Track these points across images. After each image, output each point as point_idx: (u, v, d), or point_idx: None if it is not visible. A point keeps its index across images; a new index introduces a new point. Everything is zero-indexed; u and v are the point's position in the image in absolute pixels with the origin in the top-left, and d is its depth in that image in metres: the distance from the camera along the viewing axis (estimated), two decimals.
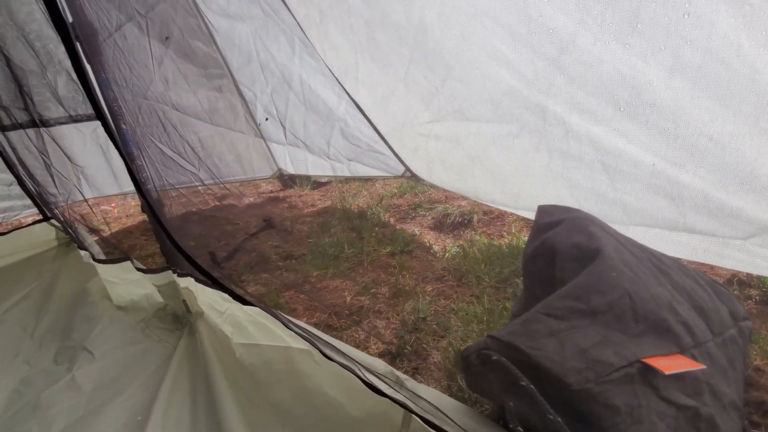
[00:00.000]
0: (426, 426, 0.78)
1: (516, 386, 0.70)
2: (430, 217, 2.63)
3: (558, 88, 0.89)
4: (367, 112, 1.54)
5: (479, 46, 0.96)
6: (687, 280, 0.90)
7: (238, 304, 1.34)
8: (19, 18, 1.22)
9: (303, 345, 1.22)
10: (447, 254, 2.14)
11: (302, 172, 2.97)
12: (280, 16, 1.47)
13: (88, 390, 1.33)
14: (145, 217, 3.81)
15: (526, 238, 2.12)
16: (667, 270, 0.89)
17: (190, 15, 2.30)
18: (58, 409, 1.27)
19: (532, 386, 0.67)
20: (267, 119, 1.79)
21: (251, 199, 4.06)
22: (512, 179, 1.17)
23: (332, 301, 1.77)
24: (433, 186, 2.87)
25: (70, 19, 1.25)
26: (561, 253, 0.86)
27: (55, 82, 1.28)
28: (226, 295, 1.36)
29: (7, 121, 1.44)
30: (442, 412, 0.77)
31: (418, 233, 2.44)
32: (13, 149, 1.54)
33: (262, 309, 1.18)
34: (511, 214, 2.41)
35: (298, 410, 1.13)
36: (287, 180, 3.93)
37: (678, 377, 0.70)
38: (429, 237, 2.39)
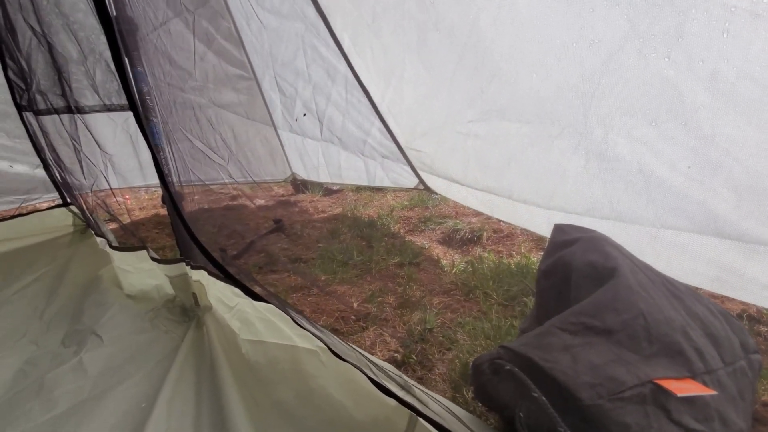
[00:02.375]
0: (433, 430, 0.78)
1: (527, 397, 0.70)
2: (439, 232, 2.65)
3: (602, 93, 0.94)
4: (408, 110, 1.57)
5: (529, 51, 1.00)
6: (700, 307, 0.90)
7: (248, 300, 1.35)
8: (64, 7, 1.28)
9: (310, 345, 1.22)
10: (455, 269, 2.15)
11: (335, 170, 2.93)
12: (333, 18, 1.51)
13: (93, 374, 1.34)
14: (157, 210, 3.87)
15: (536, 259, 2.13)
16: (681, 296, 0.90)
17: (224, 18, 2.39)
18: (62, 391, 1.28)
19: (543, 398, 0.68)
20: (305, 115, 1.83)
21: (262, 201, 4.11)
22: (547, 180, 1.20)
23: (339, 306, 1.78)
24: (444, 199, 2.89)
25: (114, 13, 1.31)
26: (576, 271, 0.87)
27: (94, 72, 1.33)
28: (237, 290, 1.38)
29: (42, 106, 1.49)
30: (454, 414, 0.77)
31: (426, 246, 2.45)
32: (45, 133, 1.59)
33: (276, 306, 1.19)
34: (522, 233, 2.42)
35: (302, 411, 1.14)
36: (299, 185, 3.98)
37: (689, 401, 0.71)
38: (437, 251, 2.40)
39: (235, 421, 1.10)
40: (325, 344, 1.06)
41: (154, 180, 1.51)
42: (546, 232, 1.17)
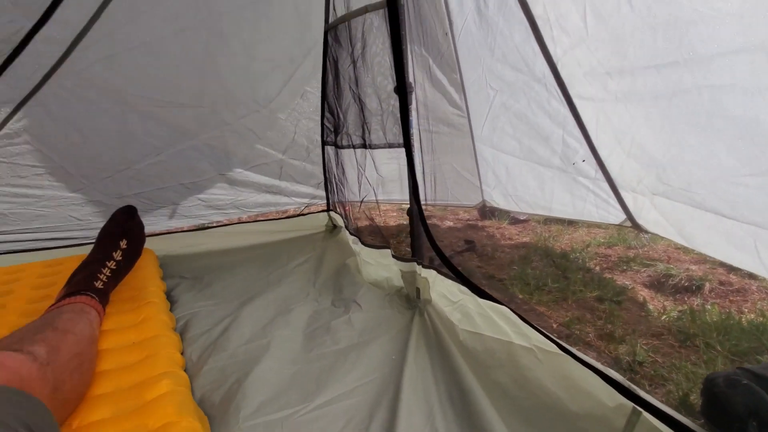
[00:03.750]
0: (660, 426, 0.92)
1: (763, 411, 0.79)
2: (645, 274, 2.51)
3: None
4: (686, 167, 1.76)
5: None
6: None
7: (473, 298, 1.69)
8: (377, 80, 1.93)
9: (526, 343, 1.46)
10: (665, 315, 2.04)
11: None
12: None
13: (358, 329, 1.89)
14: (370, 222, 4.79)
15: None
16: None
17: (452, 69, 2.94)
18: (341, 335, 1.86)
19: None
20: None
21: (450, 223, 4.59)
22: None
23: (539, 323, 1.96)
24: (654, 239, 2.72)
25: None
26: None
27: (385, 121, 1.94)
28: (464, 288, 1.74)
29: (345, 143, 2.22)
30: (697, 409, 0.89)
31: (629, 287, 2.38)
32: (339, 161, 2.35)
33: (510, 308, 1.48)
34: (758, 290, 2.11)
35: (518, 393, 1.38)
36: (487, 211, 4.30)
37: None
38: (643, 293, 2.31)
39: (466, 380, 1.43)
40: (555, 342, 1.28)
41: (403, 196, 2.05)
42: None
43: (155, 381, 1.32)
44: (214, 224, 2.99)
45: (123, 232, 2.06)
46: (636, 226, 2.41)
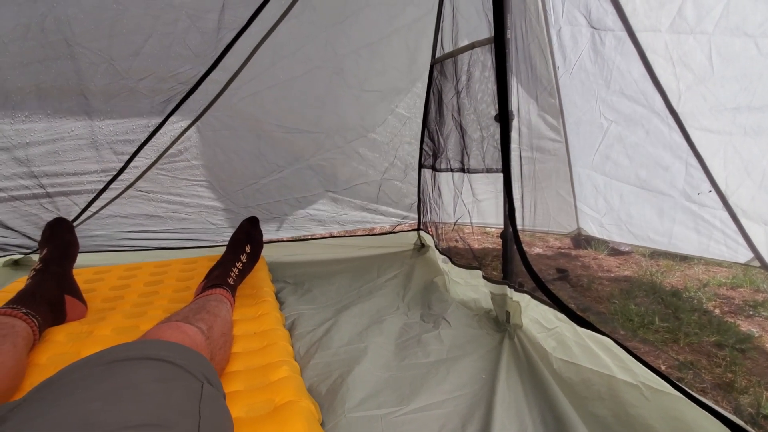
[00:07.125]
0: None
1: None
2: None
3: None
4: None
5: None
6: None
7: (571, 326, 1.66)
8: (480, 107, 2.03)
9: (631, 379, 1.40)
10: None
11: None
12: None
13: (447, 344, 1.96)
14: (454, 244, 4.83)
15: None
16: None
17: (552, 97, 2.93)
18: (431, 348, 1.94)
19: None
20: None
21: (540, 250, 4.42)
22: None
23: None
24: None
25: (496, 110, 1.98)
26: None
27: (485, 148, 2.04)
28: (561, 315, 1.72)
29: (443, 167, 2.36)
30: None
31: (756, 334, 2.10)
32: (436, 183, 2.50)
33: (614, 340, 1.44)
34: None
35: (621, 429, 1.33)
36: (582, 240, 4.07)
37: None
38: None
39: (561, 409, 1.42)
40: (668, 380, 1.23)
41: (498, 220, 2.10)
42: None
43: (276, 366, 1.54)
44: (310, 236, 3.32)
45: (248, 238, 2.42)
46: (766, 267, 2.14)
